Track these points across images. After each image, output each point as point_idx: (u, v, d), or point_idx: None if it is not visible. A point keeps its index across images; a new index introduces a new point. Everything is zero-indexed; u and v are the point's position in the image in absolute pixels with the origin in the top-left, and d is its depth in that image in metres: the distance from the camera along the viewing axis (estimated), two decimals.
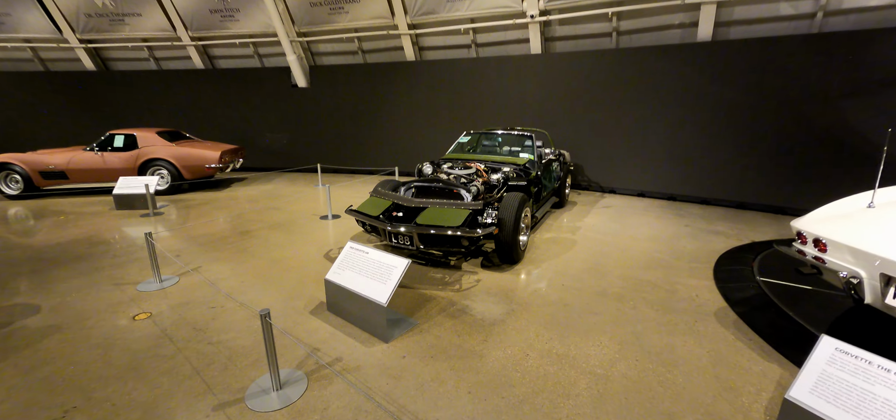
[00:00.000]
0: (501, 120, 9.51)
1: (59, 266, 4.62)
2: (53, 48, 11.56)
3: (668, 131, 8.01)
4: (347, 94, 10.84)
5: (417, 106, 10.34)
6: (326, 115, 11.14)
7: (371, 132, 10.84)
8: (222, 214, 6.95)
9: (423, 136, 10.39)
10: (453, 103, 9.99)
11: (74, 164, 8.32)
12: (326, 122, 11.18)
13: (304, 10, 10.12)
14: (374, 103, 10.70)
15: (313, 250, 5.12)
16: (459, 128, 9.91)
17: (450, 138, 10.00)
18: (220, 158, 8.73)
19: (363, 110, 10.85)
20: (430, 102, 10.20)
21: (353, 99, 10.84)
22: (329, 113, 11.11)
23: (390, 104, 10.59)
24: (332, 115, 11.10)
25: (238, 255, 4.92)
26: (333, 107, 11.05)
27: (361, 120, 10.90)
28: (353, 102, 10.86)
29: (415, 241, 4.21)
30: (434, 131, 10.24)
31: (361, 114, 10.88)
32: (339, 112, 11.04)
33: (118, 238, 5.66)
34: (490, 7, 9.02)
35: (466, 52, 10.18)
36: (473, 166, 5.56)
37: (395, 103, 10.54)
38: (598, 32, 8.95)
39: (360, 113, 10.88)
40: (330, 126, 11.17)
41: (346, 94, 10.85)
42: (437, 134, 10.19)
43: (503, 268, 4.63)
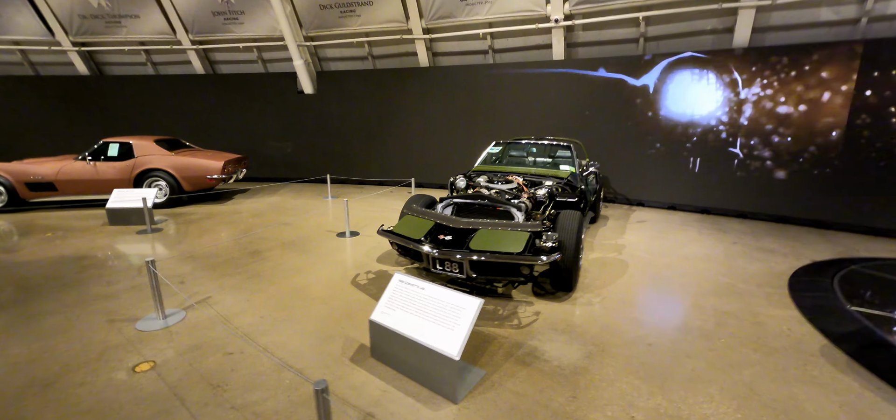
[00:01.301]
0: (520, 129, 8.93)
1: (43, 296, 3.90)
2: (44, 51, 10.79)
3: (700, 142, 7.49)
4: (357, 100, 10.21)
5: (431, 113, 9.74)
6: (334, 122, 10.48)
7: (381, 141, 10.20)
8: (227, 231, 6.25)
9: (437, 145, 9.77)
10: (469, 111, 9.40)
11: (64, 175, 7.56)
12: (334, 130, 10.52)
13: (313, 13, 9.50)
14: (385, 110, 10.08)
15: (336, 275, 4.44)
16: (476, 137, 9.31)
17: (466, 148, 9.40)
18: (223, 169, 8.02)
19: (373, 118, 10.21)
20: (445, 110, 9.59)
21: (362, 106, 10.20)
22: (337, 120, 10.45)
23: (402, 111, 9.97)
24: (339, 122, 10.45)
25: (251, 282, 4.23)
26: (342, 114, 10.40)
27: (371, 128, 10.26)
28: (362, 109, 10.22)
29: (465, 269, 3.57)
30: (450, 140, 9.63)
31: (371, 121, 10.24)
32: (348, 120, 10.39)
33: (112, 260, 4.94)
34: (510, 11, 8.49)
35: (483, 58, 9.63)
36: (514, 180, 4.95)
37: (407, 111, 9.92)
38: (624, 38, 8.44)
39: (369, 120, 10.24)
40: (337, 134, 10.51)
41: (356, 100, 10.21)
42: (453, 143, 9.59)
43: (558, 296, 4.00)
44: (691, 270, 4.75)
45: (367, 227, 6.35)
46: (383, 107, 10.02)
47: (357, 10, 9.25)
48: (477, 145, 9.25)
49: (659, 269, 4.76)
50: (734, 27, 7.35)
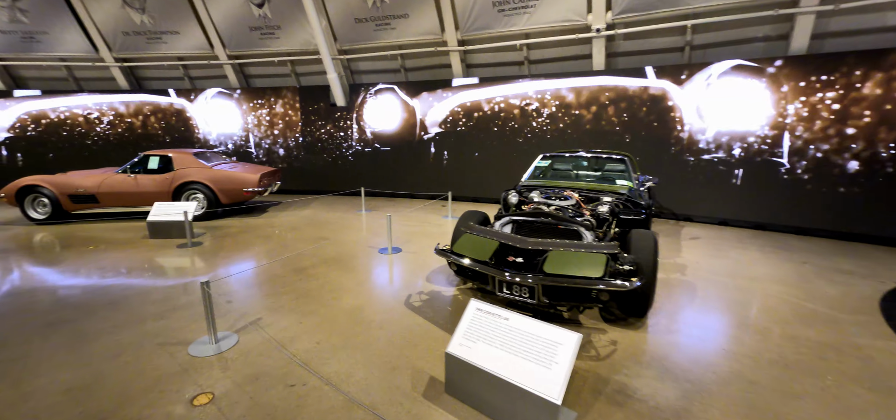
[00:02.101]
0: (558, 141, 8.61)
1: (91, 314, 3.74)
2: (88, 67, 11.02)
3: (754, 154, 7.03)
4: (389, 113, 10.06)
5: (465, 126, 9.50)
6: (366, 134, 10.34)
7: (413, 153, 10.00)
8: (266, 246, 6.08)
9: (471, 158, 9.51)
10: (505, 122, 9.13)
11: (106, 188, 7.57)
12: (365, 142, 10.38)
13: (349, 26, 9.44)
14: (419, 123, 9.89)
15: (387, 296, 4.18)
16: (510, 149, 9.03)
17: (502, 160, 9.12)
18: (259, 182, 7.93)
19: (406, 130, 10.04)
20: (480, 122, 9.35)
21: (395, 118, 10.04)
22: (369, 132, 10.31)
23: (436, 124, 9.77)
24: (372, 135, 10.31)
25: (300, 302, 4.01)
26: (374, 126, 10.26)
27: (404, 140, 10.08)
28: (395, 122, 10.06)
29: (537, 294, 3.26)
30: (483, 153, 9.36)
31: (404, 134, 10.06)
32: (380, 132, 10.24)
33: (156, 276, 4.79)
34: (549, 21, 8.23)
35: (517, 69, 9.38)
36: (571, 196, 4.63)
37: (440, 123, 9.70)
38: (668, 47, 8.09)
39: (402, 133, 10.06)
40: (370, 147, 10.37)
41: (388, 113, 10.06)
42: (487, 155, 9.31)
43: (631, 322, 3.65)
44: (767, 294, 4.33)
45: (409, 243, 6.11)
46: (416, 119, 9.84)
47: (392, 22, 9.14)
48: (510, 156, 8.96)
49: (731, 292, 4.35)
50: (789, 34, 6.93)
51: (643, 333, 3.44)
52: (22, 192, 7.40)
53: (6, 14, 9.77)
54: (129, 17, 9.91)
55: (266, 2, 9.42)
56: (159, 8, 9.77)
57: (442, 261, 5.25)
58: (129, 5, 9.72)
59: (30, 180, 7.36)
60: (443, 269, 4.96)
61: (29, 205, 7.56)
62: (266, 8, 9.51)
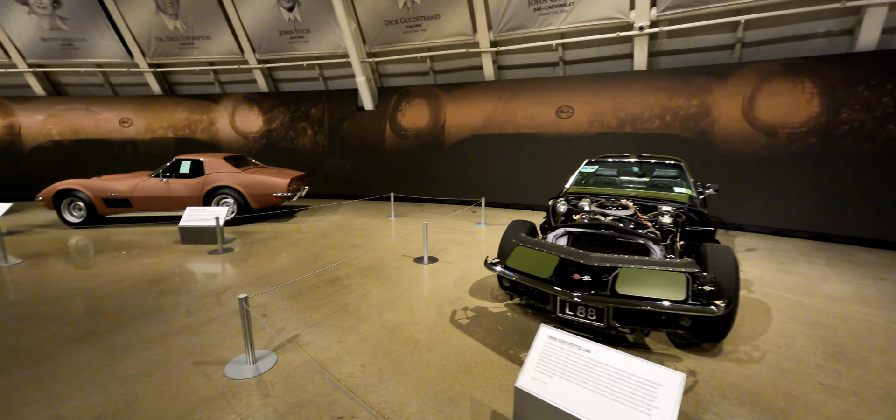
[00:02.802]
0: (595, 146, 8.18)
1: (123, 326, 3.56)
2: (123, 72, 11.17)
3: (813, 157, 6.46)
4: (418, 115, 9.81)
5: (496, 128, 9.16)
6: (393, 138, 10.12)
7: (442, 157, 9.71)
8: (298, 253, 5.87)
9: (501, 162, 9.16)
10: (538, 125, 8.75)
11: (139, 192, 7.54)
12: (393, 145, 10.15)
13: (378, 29, 9.24)
14: (447, 126, 9.60)
15: (430, 312, 3.88)
16: (544, 153, 8.63)
17: (535, 165, 8.73)
18: (289, 186, 7.77)
19: (435, 133, 9.77)
20: (512, 124, 8.99)
21: (423, 121, 9.79)
22: (396, 136, 10.08)
23: (465, 127, 9.46)
24: (400, 138, 10.08)
25: (338, 317, 3.74)
26: (402, 130, 10.03)
27: (432, 143, 9.80)
28: (423, 125, 9.80)
29: (606, 318, 2.90)
30: (515, 157, 8.99)
31: (432, 137, 9.79)
32: (409, 135, 10.00)
33: (189, 284, 4.62)
34: (588, 20, 7.83)
35: (552, 71, 9.00)
36: (627, 205, 4.24)
37: (470, 126, 9.40)
38: (717, 44, 7.58)
39: (431, 136, 9.80)
40: (398, 150, 10.14)
41: (418, 115, 9.81)
42: (519, 160, 8.94)
43: (705, 348, 3.24)
44: (851, 316, 3.83)
45: (444, 253, 5.81)
46: (445, 122, 9.56)
47: (423, 24, 8.90)
48: (548, 161, 8.56)
49: (810, 313, 3.88)
50: (856, 28, 6.36)
51: (723, 362, 3.04)
52: (58, 196, 7.43)
53: (47, 21, 9.97)
54: (163, 22, 9.98)
55: (296, 5, 9.32)
56: (192, 13, 9.80)
57: (483, 273, 4.92)
58: (163, 11, 9.78)
59: (66, 184, 7.39)
60: (484, 282, 4.63)
61: (65, 208, 7.59)
62: (296, 11, 9.41)
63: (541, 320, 3.67)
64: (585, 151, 8.16)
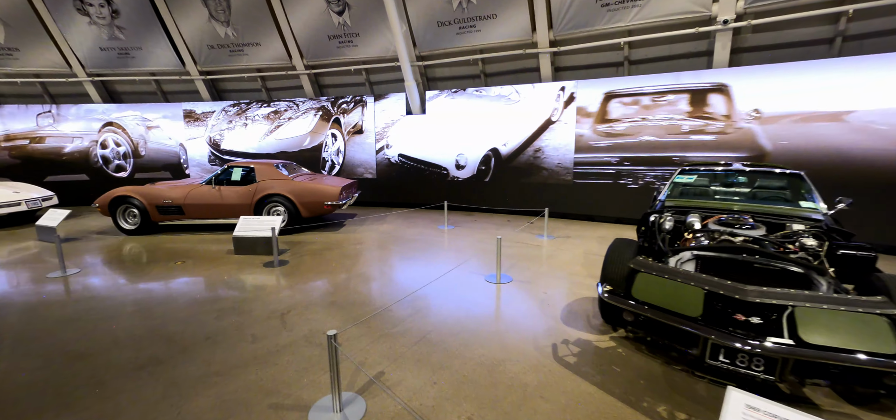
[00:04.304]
0: (669, 153, 7.41)
1: (185, 353, 3.18)
2: (175, 80, 11.25)
3: None
4: (469, 120, 9.30)
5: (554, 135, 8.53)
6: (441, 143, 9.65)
7: (498, 164, 9.14)
8: (357, 266, 5.45)
9: (559, 170, 8.51)
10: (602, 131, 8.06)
11: (191, 199, 7.37)
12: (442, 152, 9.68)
13: (431, 32, 8.83)
14: (501, 132, 9.05)
15: (527, 345, 3.32)
16: (610, 161, 7.92)
17: (600, 173, 8.03)
18: (340, 195, 7.41)
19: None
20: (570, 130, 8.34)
21: (475, 126, 9.26)
22: (445, 141, 9.60)
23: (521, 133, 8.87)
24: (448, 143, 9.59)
25: (422, 349, 3.24)
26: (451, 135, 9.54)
27: None
28: (475, 130, 9.28)
29: (782, 371, 2.27)
30: (576, 165, 8.33)
31: None
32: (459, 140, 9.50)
33: (249, 302, 4.25)
34: (663, 14, 7.13)
35: (615, 72, 8.30)
36: (748, 221, 3.56)
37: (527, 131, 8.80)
38: (811, 39, 6.72)
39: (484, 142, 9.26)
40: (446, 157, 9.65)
41: (469, 120, 9.31)
42: (581, 168, 8.26)
43: (885, 404, 2.53)
44: None
45: (514, 270, 5.24)
46: (498, 128, 9.00)
47: (477, 24, 8.42)
48: (612, 170, 7.85)
49: None
50: None
51: None
52: (114, 203, 7.35)
53: (106, 32, 10.13)
54: (215, 30, 9.93)
55: (346, 9, 9.05)
56: (243, 20, 9.71)
57: (570, 295, 4.32)
58: (216, 18, 9.74)
59: (122, 191, 7.30)
60: (575, 307, 4.03)
61: (120, 215, 7.51)
62: (346, 15, 9.14)
63: (663, 361, 3.04)
64: (651, 159, 7.40)
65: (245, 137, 10.83)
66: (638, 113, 7.50)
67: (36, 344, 3.36)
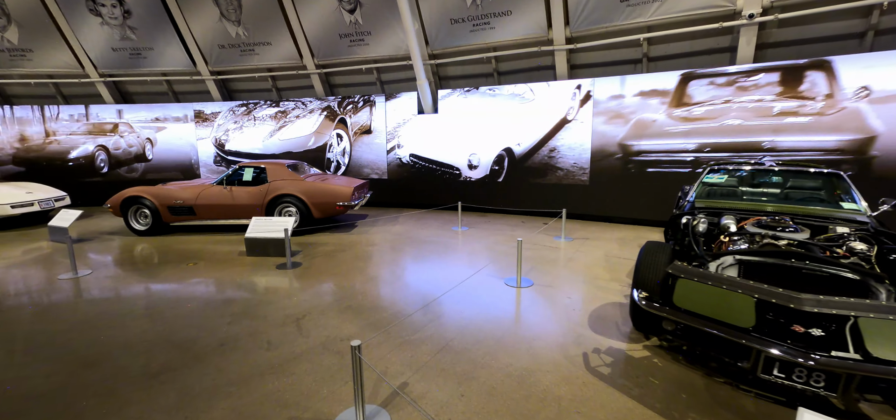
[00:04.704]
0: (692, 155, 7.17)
1: (201, 363, 3.05)
2: (186, 80, 11.21)
3: None
4: (481, 118, 9.12)
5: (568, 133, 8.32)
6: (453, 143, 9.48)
7: (511, 164, 8.96)
8: (371, 269, 5.30)
9: (574, 170, 8.30)
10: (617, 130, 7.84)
11: (203, 200, 7.28)
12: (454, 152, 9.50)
13: (444, 29, 8.67)
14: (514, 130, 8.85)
15: (556, 354, 3.14)
16: (627, 161, 7.70)
17: (618, 174, 7.82)
18: (352, 195, 7.28)
19: None
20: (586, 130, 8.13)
21: (487, 124, 9.08)
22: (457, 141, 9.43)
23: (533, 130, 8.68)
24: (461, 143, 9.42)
25: (446, 358, 3.07)
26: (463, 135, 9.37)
27: None
28: (488, 128, 9.10)
29: (846, 387, 2.07)
30: (591, 166, 8.11)
31: None
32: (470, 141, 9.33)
33: (263, 306, 4.12)
34: (686, 9, 6.90)
35: (633, 69, 8.07)
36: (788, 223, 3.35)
37: None
38: (839, 33, 6.45)
39: None
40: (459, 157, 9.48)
41: (480, 118, 9.13)
42: (596, 169, 8.05)
43: None
44: None
45: (534, 273, 5.05)
46: (512, 127, 8.81)
47: (491, 21, 8.24)
48: (629, 171, 7.63)
49: None
50: None
51: None
52: (126, 203, 7.29)
53: (118, 32, 10.11)
54: (226, 29, 9.86)
55: (358, 7, 8.92)
56: (254, 20, 9.63)
57: (599, 301, 4.13)
58: (227, 18, 9.66)
59: (133, 191, 7.24)
60: (601, 312, 3.84)
61: (132, 216, 7.44)
62: (357, 13, 9.01)
63: (703, 372, 2.84)
64: (674, 161, 7.17)
65: (249, 138, 10.76)
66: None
67: (46, 350, 3.25)
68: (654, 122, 7.36)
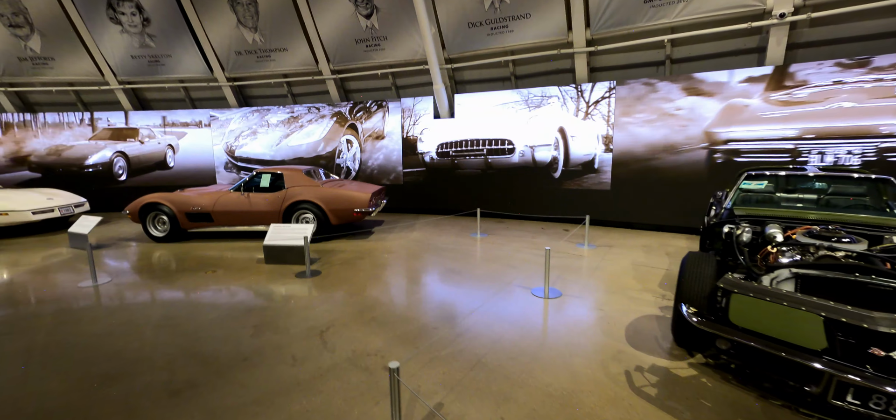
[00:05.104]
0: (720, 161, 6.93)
1: (223, 379, 2.92)
2: (203, 87, 11.25)
3: None
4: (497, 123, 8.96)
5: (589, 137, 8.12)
6: None
7: (523, 169, 8.78)
8: (391, 278, 5.16)
9: (594, 175, 8.10)
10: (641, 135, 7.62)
11: (220, 206, 7.21)
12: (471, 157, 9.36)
13: (461, 33, 8.54)
14: None
15: (596, 370, 2.95)
16: (653, 166, 7.47)
17: (643, 179, 7.59)
18: (370, 201, 7.15)
19: None
20: None
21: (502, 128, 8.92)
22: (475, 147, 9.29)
23: None
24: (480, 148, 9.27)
25: (480, 375, 2.90)
26: None
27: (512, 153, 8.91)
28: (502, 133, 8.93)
29: None
30: (614, 171, 7.90)
31: None
32: None
33: (285, 317, 3.99)
34: (712, 9, 6.68)
35: (654, 71, 7.86)
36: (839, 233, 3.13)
37: None
38: (874, 32, 6.18)
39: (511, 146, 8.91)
40: (473, 157, 9.33)
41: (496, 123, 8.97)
42: (619, 173, 7.84)
43: None
44: None
45: (561, 282, 4.86)
46: (528, 130, 8.64)
47: (510, 24, 8.09)
48: (653, 175, 7.40)
49: None
50: None
51: None
52: (144, 210, 7.26)
53: (137, 40, 10.18)
54: (243, 36, 9.87)
55: (375, 12, 8.84)
56: (270, 26, 9.62)
57: (634, 314, 3.93)
58: (244, 24, 9.67)
59: (152, 198, 7.20)
60: (638, 325, 3.64)
61: (150, 222, 7.41)
62: (374, 18, 8.94)
63: (758, 394, 2.63)
64: (701, 165, 6.92)
65: (259, 144, 10.74)
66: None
67: (64, 362, 3.16)
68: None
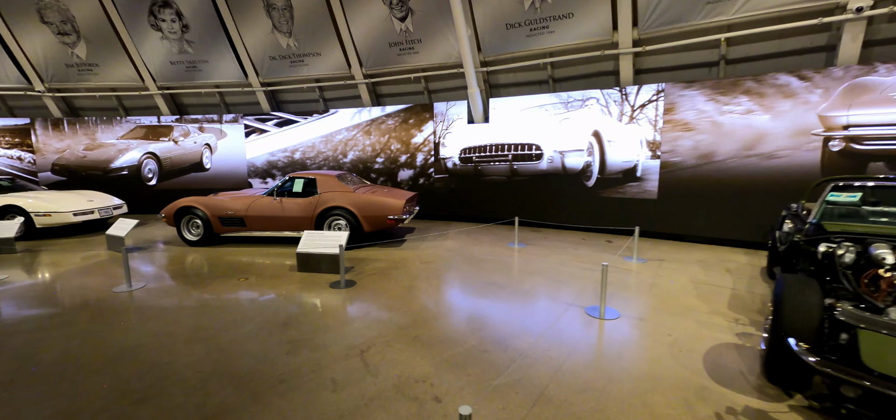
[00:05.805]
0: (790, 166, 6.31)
1: (260, 404, 2.65)
2: (238, 92, 11.31)
3: None
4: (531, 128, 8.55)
5: None
6: None
7: (562, 177, 8.33)
8: (429, 290, 4.83)
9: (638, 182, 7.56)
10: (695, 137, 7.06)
11: (253, 211, 7.09)
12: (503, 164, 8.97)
13: (498, 34, 8.21)
14: None
15: (678, 410, 2.53)
16: (708, 175, 6.90)
17: (695, 186, 7.02)
18: (404, 208, 6.88)
19: None
20: None
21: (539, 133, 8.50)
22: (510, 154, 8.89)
23: None
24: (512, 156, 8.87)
25: (546, 412, 2.52)
26: None
27: None
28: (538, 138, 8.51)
29: None
30: (663, 178, 7.36)
31: None
32: None
33: (321, 332, 3.72)
34: (775, 5, 6.11)
35: (707, 73, 7.29)
36: None
37: None
38: None
39: None
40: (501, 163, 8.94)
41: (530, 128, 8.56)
42: (667, 181, 7.29)
43: None
44: None
45: (616, 300, 4.42)
46: (566, 135, 8.19)
47: (551, 25, 7.70)
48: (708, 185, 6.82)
49: None
50: None
51: None
52: (179, 213, 7.22)
53: (176, 46, 10.31)
54: (277, 41, 9.85)
55: (409, 14, 8.62)
56: (305, 30, 9.55)
57: (709, 341, 3.46)
58: (279, 29, 9.64)
59: (186, 201, 7.15)
60: (718, 356, 3.17)
61: (184, 226, 7.36)
62: (408, 21, 8.72)
63: None
64: (769, 174, 6.31)
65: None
66: None
67: (96, 377, 2.96)
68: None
